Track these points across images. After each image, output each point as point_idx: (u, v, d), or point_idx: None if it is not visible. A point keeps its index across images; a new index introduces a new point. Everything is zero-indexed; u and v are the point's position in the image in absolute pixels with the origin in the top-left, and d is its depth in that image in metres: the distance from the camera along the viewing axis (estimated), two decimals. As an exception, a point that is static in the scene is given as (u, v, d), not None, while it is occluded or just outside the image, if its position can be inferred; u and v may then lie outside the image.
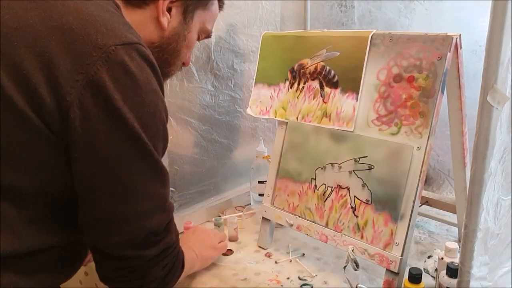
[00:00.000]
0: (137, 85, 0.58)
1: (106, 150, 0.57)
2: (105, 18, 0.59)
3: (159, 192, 0.64)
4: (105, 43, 0.56)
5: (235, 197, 1.29)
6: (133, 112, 0.57)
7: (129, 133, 0.58)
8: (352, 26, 1.33)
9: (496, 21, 0.48)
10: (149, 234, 0.63)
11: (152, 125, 0.60)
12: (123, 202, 0.61)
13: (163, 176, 0.64)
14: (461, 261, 0.56)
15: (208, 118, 1.19)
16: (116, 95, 0.56)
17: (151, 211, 0.63)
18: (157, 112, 0.61)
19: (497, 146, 0.52)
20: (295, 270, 0.96)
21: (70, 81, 0.55)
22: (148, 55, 0.60)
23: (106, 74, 0.55)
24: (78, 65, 0.55)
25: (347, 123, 0.88)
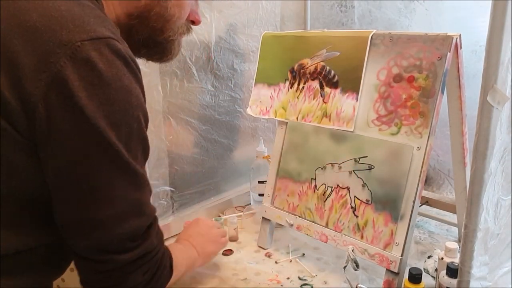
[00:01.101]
0: (105, 82, 0.54)
1: (71, 152, 0.55)
2: (74, 12, 0.56)
3: (133, 196, 0.60)
4: (71, 39, 0.53)
5: (235, 197, 1.29)
6: (100, 111, 0.54)
7: (94, 134, 0.54)
8: (352, 26, 1.33)
9: (496, 21, 0.48)
10: (124, 239, 0.60)
11: (123, 124, 0.57)
12: (91, 205, 0.58)
13: (136, 179, 0.60)
14: (461, 261, 0.56)
15: (208, 118, 1.20)
16: (80, 93, 0.53)
17: (123, 215, 0.59)
18: (129, 110, 0.57)
19: (497, 146, 0.52)
20: (295, 270, 0.96)
21: (33, 81, 0.52)
22: (119, 50, 0.56)
23: (70, 71, 0.52)
24: (41, 63, 0.52)
25: (347, 123, 0.88)
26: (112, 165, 0.57)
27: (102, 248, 0.60)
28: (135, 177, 0.60)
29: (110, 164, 0.57)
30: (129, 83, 0.57)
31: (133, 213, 0.60)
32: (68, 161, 0.55)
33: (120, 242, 0.60)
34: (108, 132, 0.55)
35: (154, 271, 0.65)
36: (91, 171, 0.56)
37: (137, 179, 0.60)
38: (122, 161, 0.57)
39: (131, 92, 0.57)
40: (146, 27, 0.70)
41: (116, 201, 0.58)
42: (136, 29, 0.70)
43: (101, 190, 0.57)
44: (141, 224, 0.62)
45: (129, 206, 0.60)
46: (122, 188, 0.59)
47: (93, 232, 0.59)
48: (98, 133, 0.54)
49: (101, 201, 0.58)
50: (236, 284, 0.91)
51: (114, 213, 0.58)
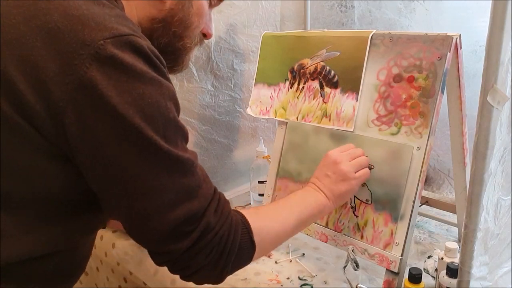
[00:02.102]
0: (133, 77, 0.54)
1: (109, 151, 0.55)
2: (94, 11, 0.55)
3: (180, 182, 0.59)
4: (93, 39, 0.52)
5: (235, 197, 1.29)
6: (133, 107, 0.54)
7: (131, 131, 0.54)
8: (352, 26, 1.33)
9: (496, 21, 0.48)
10: (179, 225, 0.59)
11: (158, 115, 0.56)
12: (139, 199, 0.57)
13: (181, 165, 0.59)
14: (461, 261, 0.56)
15: (208, 118, 1.20)
16: (110, 92, 0.52)
17: (173, 203, 0.58)
18: (162, 101, 0.56)
19: (497, 146, 0.52)
20: (295, 270, 0.96)
21: (59, 85, 0.52)
22: (141, 46, 0.56)
23: (97, 72, 0.52)
24: (66, 66, 0.52)
25: (347, 123, 0.88)
26: (153, 158, 0.56)
27: (160, 239, 0.59)
28: (179, 164, 0.59)
29: (151, 157, 0.56)
30: (154, 75, 0.57)
31: (183, 199, 0.59)
32: (108, 161, 0.55)
33: (175, 229, 0.59)
34: (144, 126, 0.54)
35: (220, 250, 0.62)
36: (133, 167, 0.56)
37: (181, 165, 0.59)
38: (163, 152, 0.57)
39: (160, 83, 0.57)
40: (168, 32, 0.70)
41: (163, 191, 0.58)
42: (158, 34, 0.70)
43: (146, 183, 0.57)
44: (194, 208, 0.60)
45: (177, 193, 0.59)
46: (167, 178, 0.58)
47: (146, 225, 0.58)
48: (134, 130, 0.54)
49: (148, 194, 0.57)
50: (235, 284, 0.91)
51: (163, 202, 0.58)
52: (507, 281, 0.65)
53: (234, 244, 0.63)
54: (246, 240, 0.65)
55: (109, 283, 1.15)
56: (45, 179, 0.57)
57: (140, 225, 0.59)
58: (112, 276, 1.13)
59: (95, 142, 0.54)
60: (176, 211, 0.58)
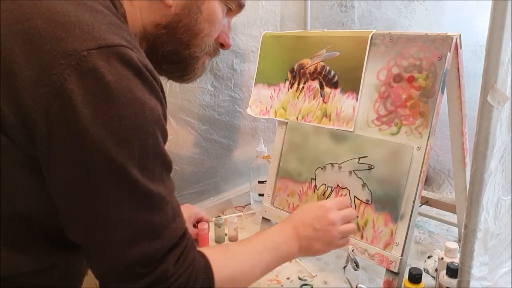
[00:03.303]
0: (113, 96, 0.49)
1: (74, 172, 0.50)
2: (83, 18, 0.51)
3: (144, 219, 0.53)
4: (76, 49, 0.48)
5: (235, 197, 1.29)
6: (107, 128, 0.49)
7: (99, 155, 0.49)
8: (352, 26, 1.33)
9: (496, 21, 0.48)
10: (134, 264, 0.53)
11: (135, 140, 0.51)
12: (98, 229, 0.53)
13: (150, 200, 0.54)
14: (461, 261, 0.56)
15: (208, 118, 1.19)
16: (84, 109, 0.48)
17: (132, 239, 0.53)
18: (143, 125, 0.51)
19: (497, 146, 0.52)
20: (295, 270, 0.96)
21: (34, 95, 0.48)
22: (132, 58, 0.51)
23: (74, 84, 0.47)
24: (43, 75, 0.48)
25: (347, 123, 0.88)
26: (118, 187, 0.51)
27: (110, 274, 0.55)
28: (147, 198, 0.53)
29: (117, 185, 0.51)
30: (142, 95, 0.51)
31: (144, 237, 0.54)
32: (72, 181, 0.51)
33: (129, 268, 0.54)
34: (115, 151, 0.49)
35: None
36: (96, 193, 0.51)
37: (149, 200, 0.54)
38: (131, 182, 0.51)
39: (144, 104, 0.51)
40: (172, 39, 0.66)
41: (123, 226, 0.53)
42: (162, 41, 0.66)
43: (108, 213, 0.52)
44: (154, 249, 0.54)
45: (139, 230, 0.53)
46: (131, 211, 0.52)
47: (101, 257, 0.55)
48: (102, 154, 0.49)
49: (108, 225, 0.52)
50: (236, 284, 0.90)
51: (122, 237, 0.53)
52: (507, 281, 0.65)
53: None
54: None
55: (109, 283, 1.15)
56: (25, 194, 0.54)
57: (94, 257, 0.56)
58: (112, 276, 1.13)
59: (62, 159, 0.50)
60: (133, 249, 0.53)
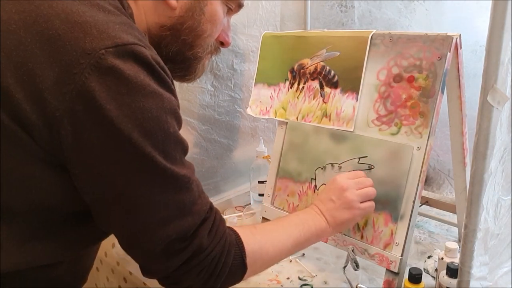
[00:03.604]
0: (134, 90, 0.52)
1: (104, 165, 0.53)
2: (98, 18, 0.53)
3: (173, 199, 0.57)
4: (94, 48, 0.50)
5: (235, 197, 1.29)
6: (132, 120, 0.52)
7: (127, 145, 0.52)
8: (352, 26, 1.33)
9: (496, 21, 0.48)
10: (170, 242, 0.57)
11: (158, 130, 0.54)
12: (131, 216, 0.56)
13: (177, 182, 0.57)
14: (461, 261, 0.56)
15: (208, 118, 1.20)
16: (109, 105, 0.50)
17: (165, 220, 0.57)
18: (162, 115, 0.54)
19: (497, 146, 0.52)
20: (295, 270, 0.96)
21: (57, 94, 0.50)
22: (145, 56, 0.53)
23: (96, 82, 0.50)
24: (65, 75, 0.50)
25: (347, 123, 0.88)
26: (148, 174, 0.55)
27: (151, 256, 0.58)
28: (174, 181, 0.57)
29: (147, 173, 0.55)
30: (156, 88, 0.54)
31: (176, 216, 0.58)
32: (103, 174, 0.54)
33: (166, 246, 0.57)
34: (142, 142, 0.52)
35: (210, 271, 0.62)
36: (127, 183, 0.54)
37: (177, 182, 0.57)
38: (159, 169, 0.55)
39: (162, 96, 0.55)
40: (176, 40, 0.68)
41: (156, 207, 0.56)
42: (166, 42, 0.68)
43: (139, 200, 0.55)
44: (186, 225, 0.58)
45: (171, 210, 0.57)
46: (160, 195, 0.56)
47: (137, 242, 0.58)
48: (131, 145, 0.52)
49: (140, 211, 0.56)
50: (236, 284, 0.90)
51: (155, 219, 0.56)
52: (507, 281, 0.65)
53: (225, 266, 0.63)
54: (238, 262, 0.65)
55: (109, 283, 1.15)
56: (42, 190, 0.56)
57: (131, 241, 0.59)
58: (112, 276, 1.13)
59: (90, 154, 0.52)
60: (168, 228, 0.57)
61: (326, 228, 0.77)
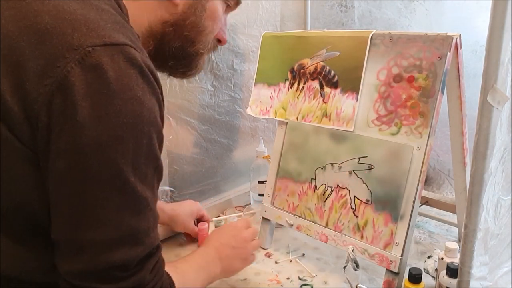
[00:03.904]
0: (114, 91, 0.50)
1: (67, 164, 0.50)
2: (89, 17, 0.52)
3: (129, 222, 0.53)
4: (82, 44, 0.49)
5: (235, 197, 1.29)
6: (104, 123, 0.49)
7: (93, 148, 0.49)
8: (352, 26, 1.33)
9: (496, 21, 0.48)
10: (112, 267, 0.53)
11: (130, 138, 0.51)
12: (81, 225, 0.52)
13: (136, 203, 0.54)
14: (461, 261, 0.56)
15: (208, 118, 1.19)
16: (84, 102, 0.48)
17: (114, 243, 0.53)
18: (139, 124, 0.52)
19: (497, 146, 0.52)
20: (295, 270, 0.96)
21: (37, 86, 0.49)
22: (135, 58, 0.52)
23: (77, 77, 0.48)
24: (48, 68, 0.49)
25: (347, 123, 0.88)
26: (109, 183, 0.51)
27: (86, 274, 0.53)
28: (135, 200, 0.54)
29: (107, 182, 0.51)
30: (142, 94, 0.52)
31: (126, 242, 0.54)
32: (64, 173, 0.51)
33: (106, 271, 0.53)
34: (109, 147, 0.50)
35: None
36: (85, 188, 0.51)
37: (137, 202, 0.54)
38: (122, 181, 0.52)
39: (143, 104, 0.52)
40: (179, 36, 0.68)
41: (108, 225, 0.52)
42: (169, 38, 0.68)
43: (94, 209, 0.52)
44: (134, 255, 0.54)
45: (122, 233, 0.53)
46: (117, 212, 0.53)
47: (79, 255, 0.53)
48: (96, 148, 0.50)
49: (92, 222, 0.52)
50: (235, 284, 0.91)
51: (104, 238, 0.52)
52: (507, 281, 0.65)
53: None
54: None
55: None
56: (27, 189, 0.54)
57: (71, 255, 0.54)
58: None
59: (56, 150, 0.50)
60: (114, 253, 0.53)
61: (219, 275, 0.80)
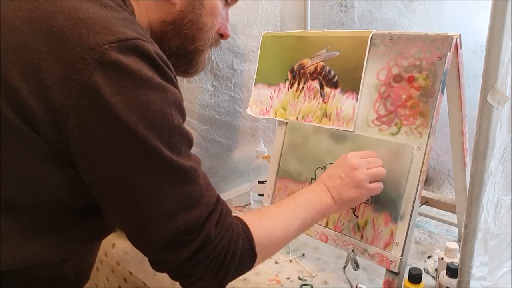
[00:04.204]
0: (138, 83, 0.53)
1: (111, 159, 0.54)
2: (101, 15, 0.54)
3: (181, 191, 0.58)
4: (98, 43, 0.51)
5: (235, 197, 1.29)
6: (137, 114, 0.52)
7: (133, 138, 0.53)
8: (352, 26, 1.33)
9: (496, 21, 0.48)
10: (178, 234, 0.57)
11: (163, 122, 0.55)
12: (139, 209, 0.56)
13: (183, 174, 0.58)
14: (461, 261, 0.56)
15: (208, 118, 1.20)
16: (114, 98, 0.51)
17: (174, 212, 0.57)
18: (167, 108, 0.55)
19: (497, 146, 0.52)
20: (295, 270, 0.96)
21: (62, 90, 0.51)
22: (148, 50, 0.54)
23: (100, 77, 0.51)
24: (70, 71, 0.51)
25: (347, 123, 0.88)
26: (155, 167, 0.55)
27: (160, 249, 0.58)
28: (181, 173, 0.57)
29: (154, 166, 0.55)
30: (160, 81, 0.55)
31: (184, 208, 0.58)
32: (109, 168, 0.54)
33: (175, 238, 0.57)
34: (148, 134, 0.53)
35: (220, 262, 0.61)
36: (134, 177, 0.55)
37: (184, 174, 0.58)
38: (165, 161, 0.55)
39: (166, 89, 0.55)
40: (178, 35, 0.69)
41: (164, 200, 0.56)
42: (168, 37, 0.69)
43: (147, 193, 0.55)
44: (195, 216, 0.59)
45: (178, 202, 0.57)
46: (168, 187, 0.56)
47: (146, 234, 0.57)
48: (137, 138, 0.53)
49: (148, 203, 0.56)
50: (235, 284, 0.90)
51: (163, 212, 0.56)
52: (507, 281, 0.65)
53: (234, 256, 0.63)
54: (247, 251, 0.65)
55: (109, 283, 1.15)
56: (48, 186, 0.56)
57: (139, 234, 0.59)
58: (112, 276, 1.13)
59: (97, 149, 0.53)
60: (176, 220, 0.57)
61: (332, 205, 0.76)
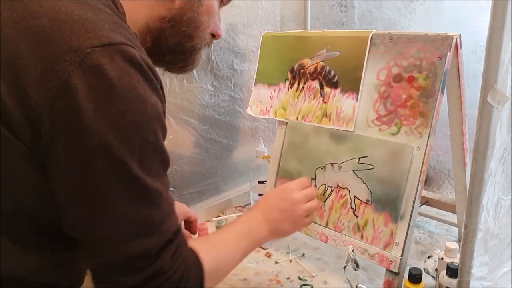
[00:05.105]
0: (116, 92, 0.50)
1: (76, 167, 0.51)
2: (86, 17, 0.52)
3: (142, 214, 0.55)
4: (81, 45, 0.49)
5: (235, 197, 1.29)
6: (109, 123, 0.50)
7: (101, 149, 0.50)
8: (352, 26, 1.33)
9: (496, 21, 0.48)
10: (131, 259, 0.54)
11: (136, 136, 0.52)
12: (96, 223, 0.53)
13: (149, 196, 0.55)
14: (461, 261, 0.56)
15: (208, 118, 1.20)
16: (88, 104, 0.49)
17: (130, 235, 0.54)
18: (144, 122, 0.52)
19: (497, 146, 0.52)
20: (295, 270, 0.96)
21: (39, 90, 0.49)
22: (134, 56, 0.52)
23: (79, 80, 0.48)
24: (48, 71, 0.49)
25: (347, 123, 0.88)
26: (119, 181, 0.52)
27: (108, 268, 0.55)
28: (146, 194, 0.55)
29: (117, 180, 0.52)
30: (144, 92, 0.53)
31: (143, 232, 0.55)
32: (73, 176, 0.52)
33: (126, 263, 0.55)
34: (116, 146, 0.50)
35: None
36: (97, 188, 0.52)
37: (149, 195, 0.55)
38: (131, 177, 0.53)
39: (146, 101, 0.53)
40: (177, 32, 0.68)
41: (122, 220, 0.54)
42: (166, 34, 0.68)
43: (107, 207, 0.53)
44: (152, 244, 0.56)
45: (137, 225, 0.55)
46: (130, 206, 0.54)
47: (98, 250, 0.55)
48: (104, 148, 0.50)
49: (107, 218, 0.53)
50: (236, 284, 0.91)
51: (120, 231, 0.54)
52: (507, 281, 0.65)
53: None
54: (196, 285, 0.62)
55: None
56: (30, 190, 0.54)
57: (91, 249, 0.56)
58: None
59: (64, 153, 0.51)
60: (132, 244, 0.54)
61: (267, 237, 0.78)
